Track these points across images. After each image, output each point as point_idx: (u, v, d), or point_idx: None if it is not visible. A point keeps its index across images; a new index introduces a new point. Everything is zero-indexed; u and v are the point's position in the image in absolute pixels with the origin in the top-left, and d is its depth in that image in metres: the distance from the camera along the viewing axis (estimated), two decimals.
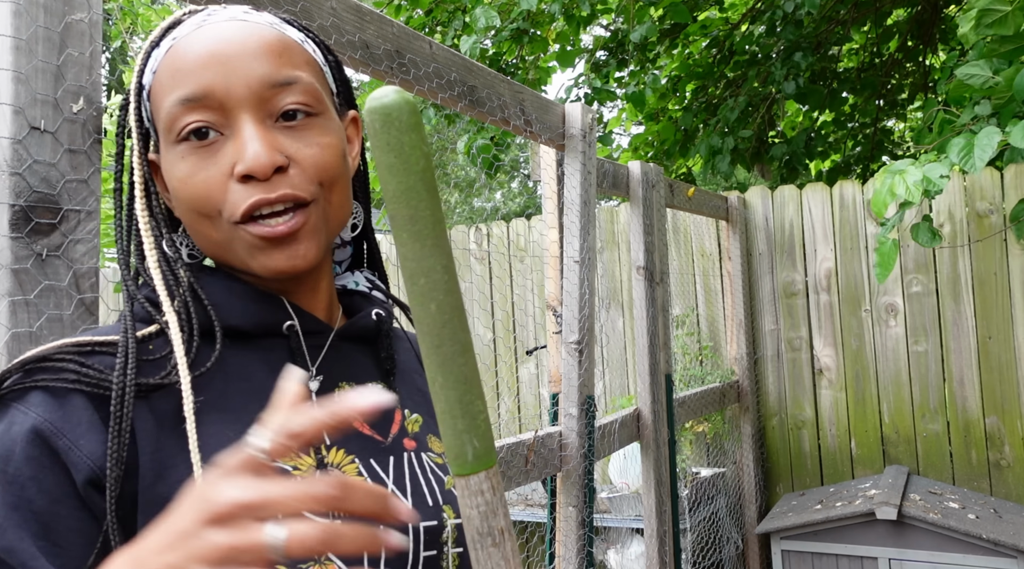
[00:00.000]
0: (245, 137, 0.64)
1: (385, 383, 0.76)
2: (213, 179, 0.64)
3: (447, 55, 1.58)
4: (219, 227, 0.65)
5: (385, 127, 0.53)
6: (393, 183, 0.54)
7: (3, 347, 0.80)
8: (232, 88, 0.64)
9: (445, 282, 0.54)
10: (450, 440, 0.55)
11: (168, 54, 0.67)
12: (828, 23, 4.38)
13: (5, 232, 0.79)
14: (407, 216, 0.54)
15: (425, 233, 0.54)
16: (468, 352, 0.56)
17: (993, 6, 1.81)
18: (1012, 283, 3.18)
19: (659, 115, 4.86)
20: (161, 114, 0.66)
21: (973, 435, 3.24)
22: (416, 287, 0.54)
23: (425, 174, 0.54)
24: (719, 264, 3.77)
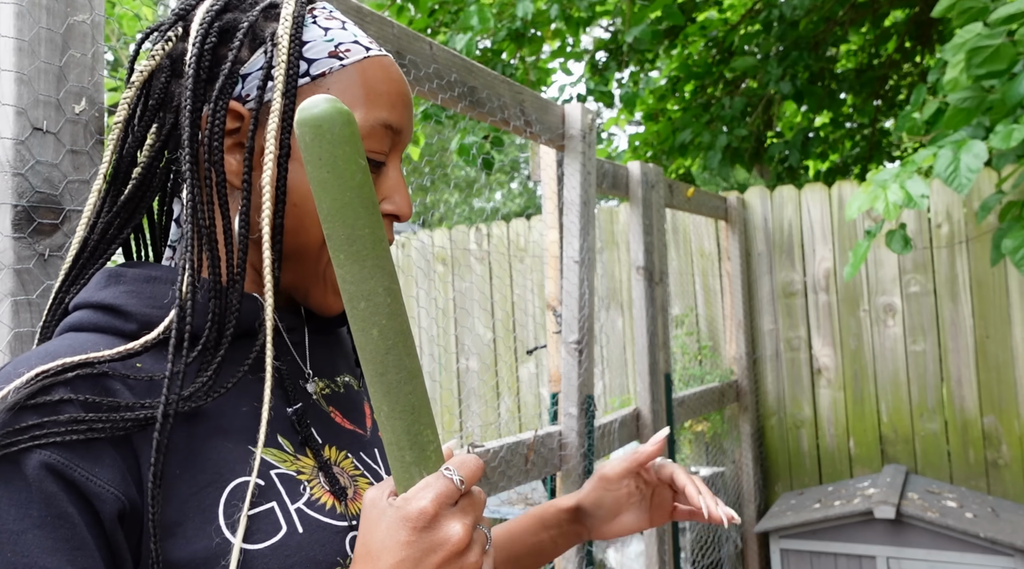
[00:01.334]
0: (398, 180, 0.67)
1: (351, 375, 0.76)
2: None
3: (448, 56, 1.58)
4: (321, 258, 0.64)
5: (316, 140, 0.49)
6: (327, 200, 0.49)
7: (6, 347, 0.80)
8: (406, 133, 0.68)
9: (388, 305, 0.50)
10: (399, 473, 0.52)
11: (367, 64, 0.66)
12: (826, 24, 4.39)
13: (7, 232, 0.80)
14: (344, 236, 0.49)
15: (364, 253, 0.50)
16: (415, 379, 0.52)
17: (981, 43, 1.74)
18: (1009, 283, 3.19)
19: (658, 115, 4.86)
20: None
21: (971, 434, 3.25)
22: (356, 311, 0.50)
23: (362, 189, 0.50)
24: (718, 264, 3.77)
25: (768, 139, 4.82)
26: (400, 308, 0.51)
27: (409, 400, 0.51)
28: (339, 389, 0.73)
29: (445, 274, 4.27)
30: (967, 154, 1.72)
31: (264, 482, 0.60)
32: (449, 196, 16.33)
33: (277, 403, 0.66)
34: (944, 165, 1.74)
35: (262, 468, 0.61)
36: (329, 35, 0.66)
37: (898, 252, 2.04)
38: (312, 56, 0.65)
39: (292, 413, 0.65)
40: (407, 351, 0.51)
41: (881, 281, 3.42)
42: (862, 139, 5.08)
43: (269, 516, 0.59)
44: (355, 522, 0.63)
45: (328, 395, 0.71)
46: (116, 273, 0.64)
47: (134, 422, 0.55)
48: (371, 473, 0.69)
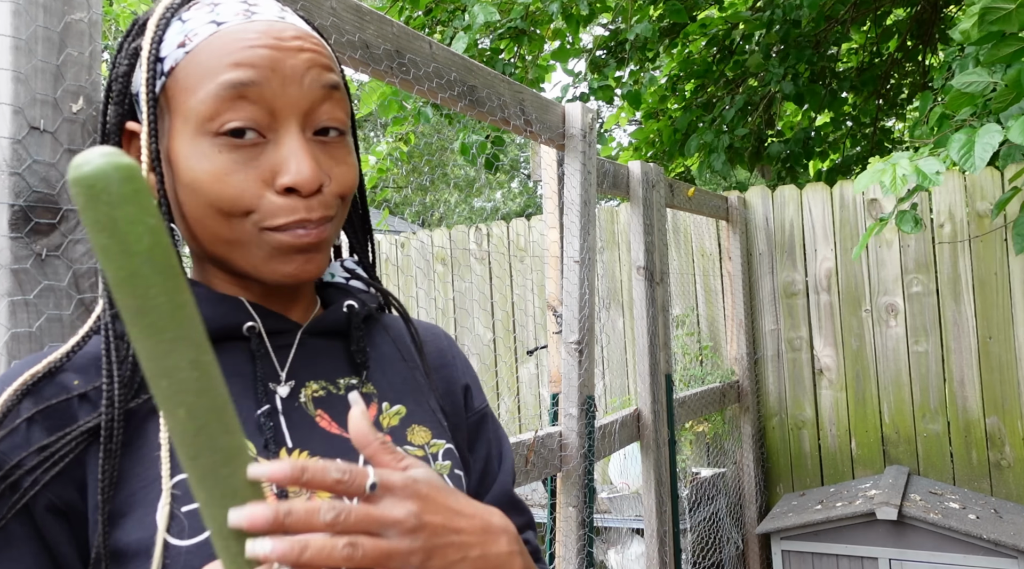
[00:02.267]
0: (292, 148, 0.63)
1: (357, 377, 0.74)
2: (250, 183, 0.62)
3: (447, 55, 1.58)
4: (237, 227, 0.63)
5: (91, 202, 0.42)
6: (112, 269, 0.43)
7: (3, 347, 0.79)
8: (287, 95, 0.63)
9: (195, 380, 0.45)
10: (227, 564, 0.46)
11: (213, 39, 0.63)
12: (827, 22, 4.38)
13: (5, 232, 0.79)
14: (135, 307, 0.43)
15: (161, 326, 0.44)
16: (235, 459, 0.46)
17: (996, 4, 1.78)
18: (1012, 283, 3.18)
19: (659, 114, 4.86)
20: (195, 98, 0.62)
21: (973, 435, 3.24)
22: (159, 391, 0.45)
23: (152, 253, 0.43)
24: (719, 264, 3.77)
25: (769, 139, 4.82)
26: (210, 382, 0.46)
27: (229, 484, 0.46)
28: (339, 391, 0.72)
29: (445, 274, 4.26)
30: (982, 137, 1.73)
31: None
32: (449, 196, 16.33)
33: (249, 405, 0.66)
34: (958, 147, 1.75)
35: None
36: (185, 26, 0.64)
37: (909, 232, 2.03)
38: (164, 54, 0.64)
39: (259, 415, 0.65)
40: (221, 429, 0.46)
41: (883, 281, 3.41)
42: (863, 138, 5.08)
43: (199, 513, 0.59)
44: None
45: (321, 398, 0.70)
46: None
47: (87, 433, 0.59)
48: None
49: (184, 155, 0.63)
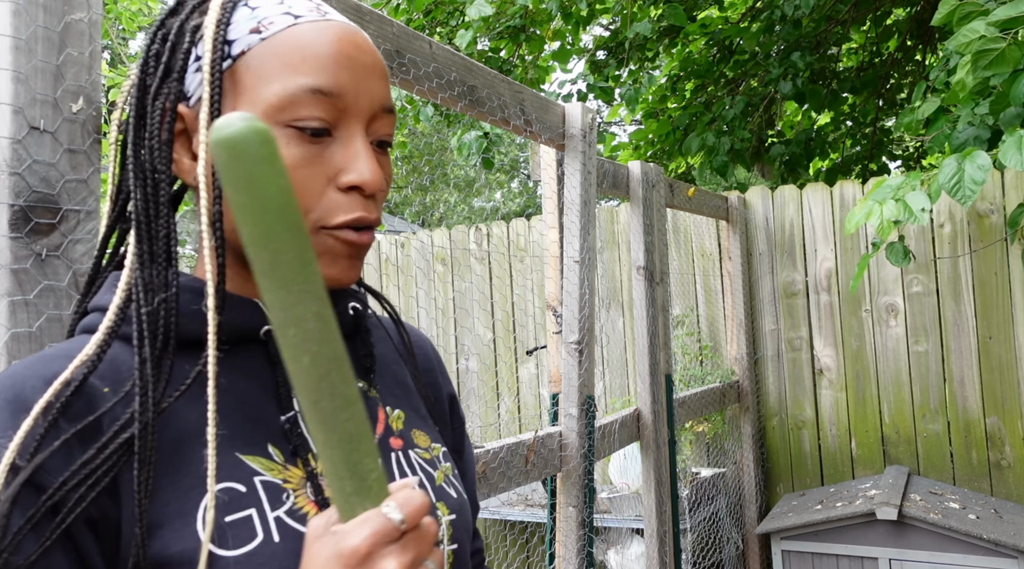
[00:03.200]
0: (359, 148, 0.63)
1: (366, 380, 0.74)
2: (315, 179, 0.62)
3: (447, 55, 1.57)
4: None
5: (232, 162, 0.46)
6: (248, 225, 0.47)
7: (3, 347, 0.79)
8: (361, 98, 0.64)
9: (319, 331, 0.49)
10: (340, 503, 0.51)
11: (291, 31, 0.63)
12: (827, 22, 4.38)
13: (4, 232, 0.79)
14: (268, 261, 0.47)
15: (290, 279, 0.48)
16: (352, 406, 0.50)
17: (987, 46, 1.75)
18: (1012, 283, 3.18)
19: (659, 114, 4.86)
20: (269, 89, 0.62)
21: (974, 435, 3.24)
22: (286, 339, 0.49)
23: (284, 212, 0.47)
24: (719, 264, 3.77)
25: (769, 139, 4.82)
26: (331, 333, 0.50)
27: (346, 428, 0.50)
28: None
29: (445, 274, 4.26)
30: (971, 165, 1.71)
31: (245, 488, 0.60)
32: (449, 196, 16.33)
33: (272, 411, 0.65)
34: (948, 176, 1.74)
35: (245, 474, 0.60)
36: (256, 12, 0.64)
37: (897, 265, 2.04)
38: (234, 37, 0.63)
39: (285, 421, 0.64)
40: (341, 378, 0.50)
41: (883, 281, 3.41)
42: (863, 138, 5.08)
43: (246, 523, 0.58)
44: None
45: None
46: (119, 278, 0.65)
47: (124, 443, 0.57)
48: None
49: None
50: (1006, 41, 1.76)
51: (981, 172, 1.71)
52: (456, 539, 0.72)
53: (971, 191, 1.71)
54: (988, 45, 1.77)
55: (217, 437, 0.61)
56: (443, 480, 0.75)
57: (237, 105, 0.63)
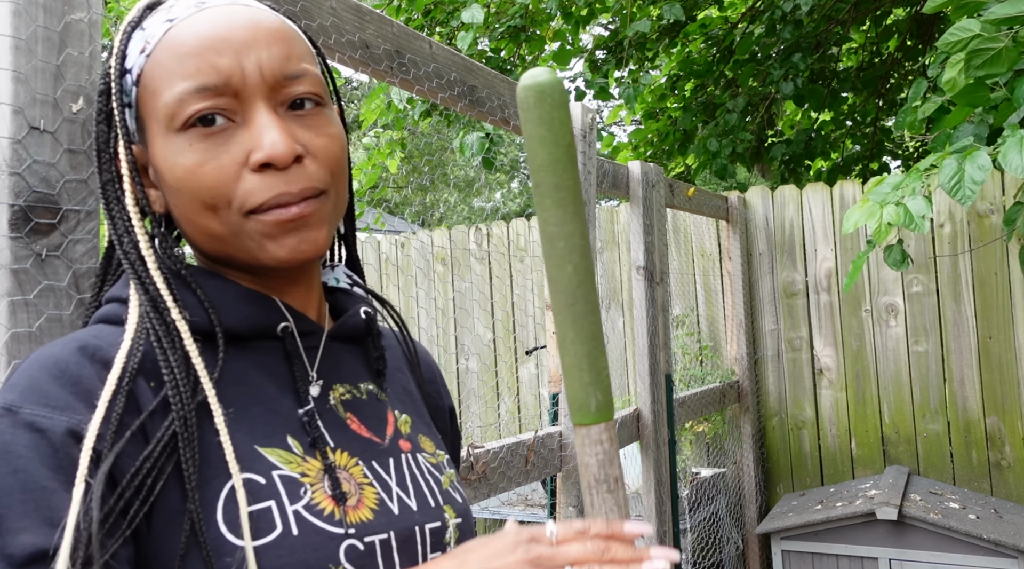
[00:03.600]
0: (261, 124, 0.61)
1: (376, 383, 0.75)
2: (225, 168, 0.61)
3: (447, 55, 1.57)
4: (225, 219, 0.62)
5: (539, 102, 0.57)
6: (542, 153, 0.58)
7: (3, 347, 0.79)
8: (247, 74, 0.62)
9: (581, 247, 0.58)
10: (575, 392, 0.60)
11: (167, 37, 0.63)
12: (827, 23, 4.38)
13: (4, 232, 0.79)
14: (552, 184, 0.58)
15: (567, 200, 0.58)
16: (597, 312, 0.60)
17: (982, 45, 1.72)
18: (1012, 283, 3.18)
19: (658, 114, 4.86)
20: (161, 99, 0.62)
21: (974, 435, 3.24)
22: (555, 249, 0.58)
23: (570, 148, 0.58)
24: (719, 264, 3.77)
25: (769, 139, 4.81)
26: (590, 250, 0.60)
27: (591, 329, 0.59)
28: (361, 395, 0.72)
29: (445, 274, 4.26)
30: (971, 165, 1.70)
31: (264, 481, 0.60)
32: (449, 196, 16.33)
33: (289, 404, 0.66)
34: (948, 176, 1.73)
35: (264, 467, 0.61)
36: (146, 32, 0.64)
37: (895, 268, 2.03)
38: (130, 65, 0.65)
39: (303, 414, 0.65)
40: (592, 288, 0.59)
41: (883, 281, 3.41)
42: (864, 138, 5.07)
43: (265, 515, 0.59)
44: (352, 531, 0.62)
45: (348, 401, 0.71)
46: None
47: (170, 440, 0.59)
48: (380, 483, 0.68)
49: (162, 157, 0.63)
50: (1003, 41, 1.74)
51: (981, 172, 1.70)
52: (462, 542, 0.72)
53: (971, 191, 1.70)
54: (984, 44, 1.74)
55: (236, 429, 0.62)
56: (449, 484, 0.75)
57: (151, 129, 0.64)
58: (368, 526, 0.64)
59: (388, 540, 0.65)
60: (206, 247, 0.66)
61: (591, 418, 0.59)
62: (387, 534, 0.65)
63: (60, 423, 0.55)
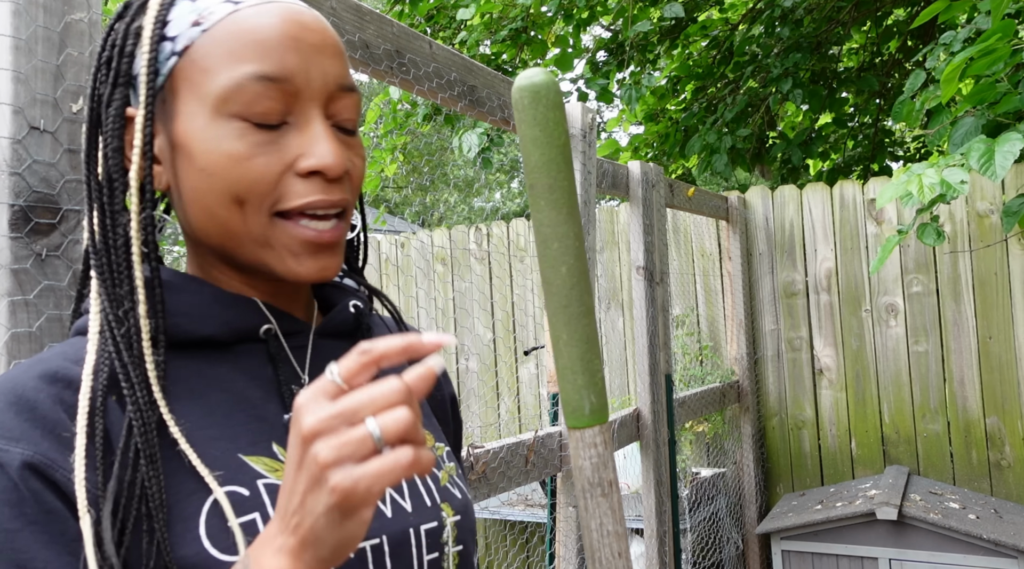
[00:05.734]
0: (317, 132, 0.61)
1: None
2: (273, 166, 0.60)
3: (447, 55, 1.58)
4: (252, 217, 0.61)
5: (534, 103, 0.57)
6: (536, 154, 0.58)
7: (3, 347, 0.79)
8: (311, 78, 0.61)
9: (576, 248, 0.59)
10: (569, 394, 0.59)
11: (232, 19, 0.61)
12: (828, 23, 4.38)
13: (5, 232, 0.79)
14: (547, 185, 0.58)
15: (562, 202, 0.58)
16: (591, 314, 0.59)
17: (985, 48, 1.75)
18: (1013, 283, 3.18)
19: (659, 115, 4.86)
20: (214, 80, 0.60)
21: (973, 435, 3.24)
22: (549, 251, 0.58)
23: (565, 149, 0.58)
24: (719, 264, 3.77)
25: (770, 139, 4.81)
26: (584, 252, 0.59)
27: (585, 331, 0.59)
28: None
29: (445, 274, 4.26)
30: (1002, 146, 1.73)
31: (248, 492, 0.59)
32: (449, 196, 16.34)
33: (275, 409, 0.64)
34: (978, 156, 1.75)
35: (248, 478, 0.59)
36: (196, 5, 0.62)
37: (931, 244, 2.04)
38: (174, 33, 0.61)
39: (288, 420, 0.63)
40: (587, 289, 0.59)
41: (883, 281, 3.41)
42: (864, 139, 5.07)
43: (250, 528, 0.57)
44: None
45: None
46: None
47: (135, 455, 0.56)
48: None
49: (201, 138, 0.60)
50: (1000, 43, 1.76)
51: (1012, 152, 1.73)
52: (461, 540, 0.71)
53: (1001, 168, 1.73)
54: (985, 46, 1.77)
55: (219, 438, 0.60)
56: (447, 480, 0.74)
57: (185, 104, 0.61)
58: None
59: (380, 545, 0.63)
60: (211, 239, 0.63)
61: (585, 421, 0.59)
62: (379, 539, 0.63)
63: (15, 456, 0.52)
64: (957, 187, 1.76)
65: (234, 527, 0.56)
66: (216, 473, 0.58)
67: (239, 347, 0.65)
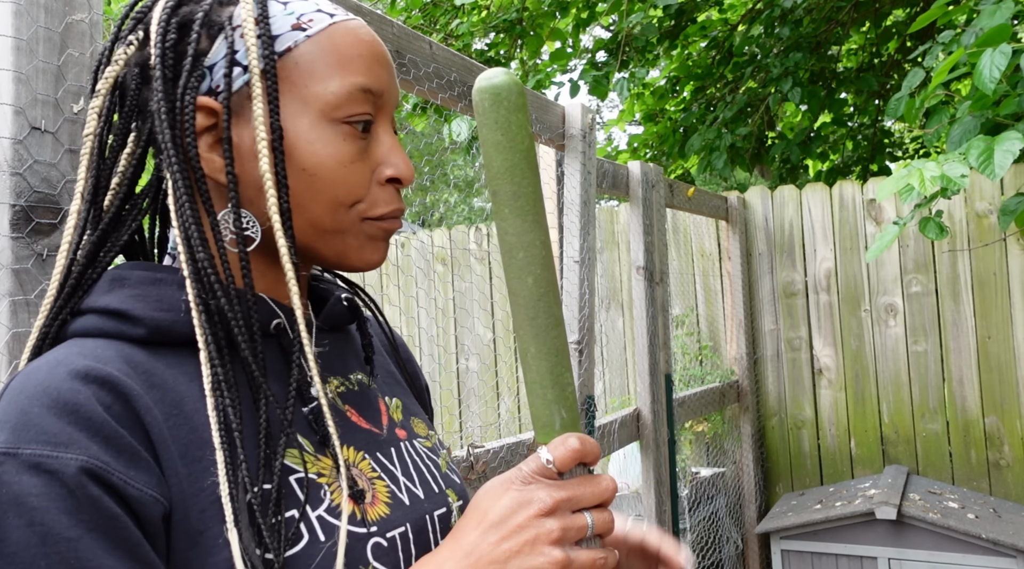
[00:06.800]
0: (392, 143, 0.67)
1: (363, 372, 0.74)
2: (364, 173, 0.65)
3: (447, 55, 1.58)
4: (339, 216, 0.64)
5: (494, 106, 0.55)
6: (499, 160, 0.55)
7: (4, 347, 0.80)
8: (390, 94, 0.67)
9: (542, 257, 0.56)
10: (539, 409, 0.57)
11: (333, 30, 0.64)
12: (827, 23, 4.38)
13: (6, 232, 0.80)
14: (510, 192, 0.56)
15: (527, 209, 0.56)
16: (560, 325, 0.57)
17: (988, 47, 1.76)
18: (1011, 283, 3.19)
19: (658, 116, 4.86)
20: (323, 86, 0.62)
21: (972, 435, 3.25)
22: (515, 261, 0.56)
23: (529, 153, 0.56)
24: (719, 264, 3.77)
25: (769, 139, 4.82)
26: (552, 261, 0.57)
27: (554, 343, 0.57)
28: (353, 387, 0.71)
29: (445, 274, 4.27)
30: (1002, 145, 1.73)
31: (283, 489, 0.59)
32: (449, 196, 16.33)
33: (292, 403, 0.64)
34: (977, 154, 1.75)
35: (280, 474, 0.59)
36: (289, 8, 0.64)
37: (935, 238, 2.03)
38: (277, 32, 0.63)
39: (308, 412, 0.64)
40: (555, 300, 0.57)
41: (882, 281, 3.42)
42: (863, 139, 5.08)
43: (290, 524, 0.58)
44: (375, 529, 0.62)
45: (344, 393, 0.70)
46: (119, 276, 0.62)
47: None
48: (388, 475, 0.67)
49: (305, 139, 0.63)
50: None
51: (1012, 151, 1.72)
52: None
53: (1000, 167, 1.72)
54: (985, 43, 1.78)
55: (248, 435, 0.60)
56: (446, 466, 0.75)
57: (286, 103, 0.62)
58: (388, 521, 0.63)
59: (406, 533, 0.65)
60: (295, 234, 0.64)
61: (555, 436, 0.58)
62: (404, 527, 0.65)
63: (70, 463, 0.50)
64: (958, 181, 1.75)
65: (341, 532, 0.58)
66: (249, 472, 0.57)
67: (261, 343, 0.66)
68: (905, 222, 2.05)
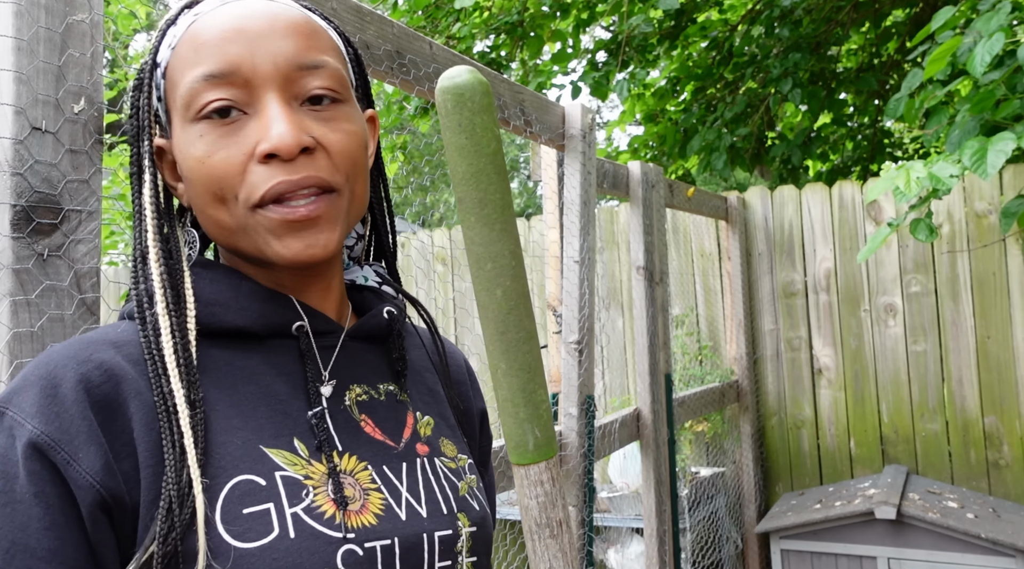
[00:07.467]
0: (270, 115, 0.61)
1: (396, 384, 0.73)
2: (233, 159, 0.61)
3: (447, 55, 1.58)
4: (233, 212, 0.62)
5: (457, 107, 0.52)
6: (463, 165, 0.52)
7: (4, 347, 0.80)
8: (259, 65, 0.62)
9: (512, 268, 0.53)
10: (511, 429, 0.54)
11: (189, 29, 0.64)
12: (827, 24, 4.38)
13: (6, 232, 0.80)
14: (476, 199, 0.53)
15: (494, 217, 0.53)
16: (532, 340, 0.54)
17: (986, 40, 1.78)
18: (1011, 283, 3.19)
19: (658, 116, 4.86)
20: (179, 90, 0.63)
21: (972, 435, 3.25)
22: (483, 272, 0.53)
23: (496, 157, 0.52)
24: (719, 264, 3.77)
25: (769, 139, 4.82)
26: (522, 271, 0.54)
27: (526, 359, 0.54)
28: (379, 396, 0.71)
29: (445, 274, 4.27)
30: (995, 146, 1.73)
31: (265, 482, 0.60)
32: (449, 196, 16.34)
33: (299, 405, 0.65)
34: (970, 154, 1.75)
35: (266, 469, 0.60)
36: (176, 28, 0.66)
37: (924, 240, 2.03)
38: (160, 59, 0.66)
39: (312, 416, 0.64)
40: (527, 313, 0.54)
41: (882, 281, 3.42)
42: (863, 139, 5.08)
43: (263, 517, 0.58)
44: (351, 536, 0.61)
45: (364, 402, 0.69)
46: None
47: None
48: (388, 488, 0.66)
49: (180, 147, 0.64)
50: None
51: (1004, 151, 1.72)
52: (475, 552, 0.71)
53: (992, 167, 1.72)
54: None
55: (242, 428, 0.62)
56: (466, 491, 0.73)
57: (174, 121, 0.65)
58: (369, 531, 0.62)
59: (391, 546, 0.63)
60: (219, 239, 0.66)
61: (529, 457, 0.54)
62: (390, 540, 0.63)
63: (29, 433, 0.56)
64: (946, 181, 1.76)
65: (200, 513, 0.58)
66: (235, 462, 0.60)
67: (271, 341, 0.67)
68: (899, 223, 2.05)
